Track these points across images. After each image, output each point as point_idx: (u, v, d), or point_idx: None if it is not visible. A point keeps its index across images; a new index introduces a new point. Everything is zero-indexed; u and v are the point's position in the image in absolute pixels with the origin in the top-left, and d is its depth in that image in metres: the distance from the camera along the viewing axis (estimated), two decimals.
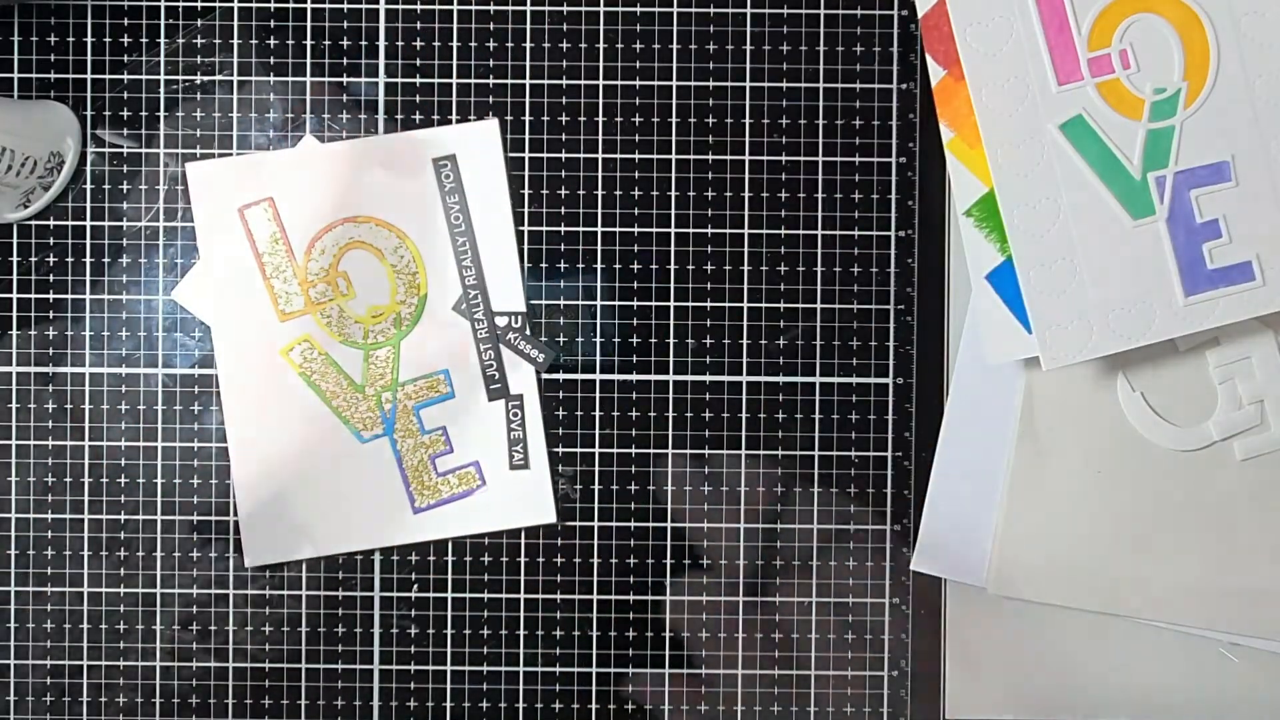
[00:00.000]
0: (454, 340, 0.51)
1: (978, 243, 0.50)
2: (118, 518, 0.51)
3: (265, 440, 0.51)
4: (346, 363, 0.51)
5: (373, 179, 0.51)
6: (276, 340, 0.51)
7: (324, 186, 0.51)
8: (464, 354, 0.51)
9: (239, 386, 0.51)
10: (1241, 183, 0.48)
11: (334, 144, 0.51)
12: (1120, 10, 0.48)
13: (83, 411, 0.51)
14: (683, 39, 0.51)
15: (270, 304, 0.51)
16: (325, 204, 0.51)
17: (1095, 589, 0.51)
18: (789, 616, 0.51)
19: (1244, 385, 0.50)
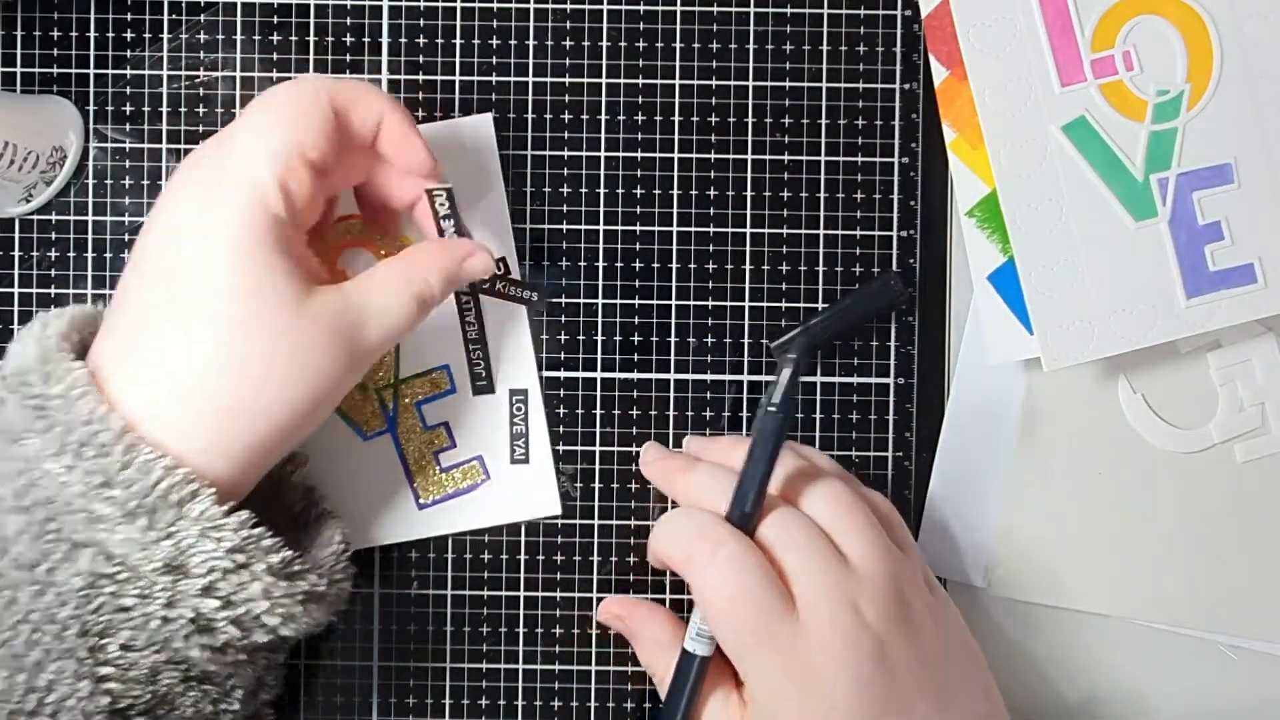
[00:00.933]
0: (454, 335, 0.51)
1: (979, 243, 0.50)
2: None
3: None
4: None
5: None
6: None
7: None
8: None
9: None
10: (1244, 185, 0.48)
11: None
12: (1123, 12, 0.48)
13: None
14: (685, 38, 0.51)
15: None
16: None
17: (1095, 590, 0.51)
18: None
19: (1245, 388, 0.50)
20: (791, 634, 0.38)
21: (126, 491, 0.35)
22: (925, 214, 0.52)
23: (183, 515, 0.36)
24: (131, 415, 0.36)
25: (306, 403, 0.38)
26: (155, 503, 0.35)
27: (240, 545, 0.37)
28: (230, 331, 0.37)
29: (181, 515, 0.36)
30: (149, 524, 0.35)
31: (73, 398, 0.36)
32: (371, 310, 0.39)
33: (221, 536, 0.36)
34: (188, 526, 0.36)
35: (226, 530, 0.36)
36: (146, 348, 0.37)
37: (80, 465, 0.35)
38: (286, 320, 0.37)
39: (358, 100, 0.40)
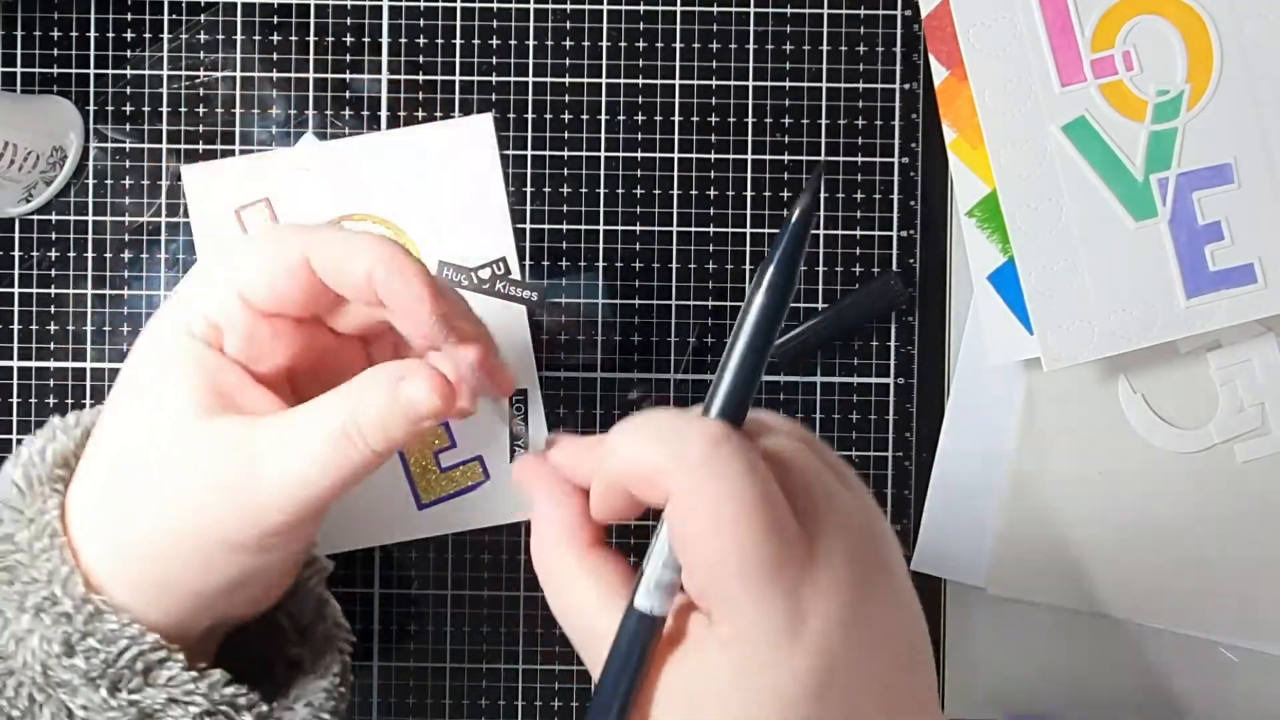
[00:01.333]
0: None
1: (979, 243, 0.50)
2: None
3: None
4: None
5: (369, 176, 0.51)
6: None
7: (321, 185, 0.51)
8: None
9: None
10: (1244, 185, 0.48)
11: (331, 142, 0.51)
12: (1123, 12, 0.48)
13: (84, 407, 0.51)
14: (685, 38, 0.51)
15: None
16: (323, 203, 0.51)
17: (1095, 590, 0.51)
18: None
19: (1245, 388, 0.50)
20: (802, 569, 0.29)
21: (88, 662, 0.34)
22: (925, 214, 0.52)
23: (149, 683, 0.34)
24: (95, 568, 0.34)
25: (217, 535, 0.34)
26: (120, 672, 0.34)
27: (211, 709, 0.35)
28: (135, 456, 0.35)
29: (148, 683, 0.34)
30: (111, 691, 0.34)
31: (37, 550, 0.34)
32: (279, 438, 0.34)
33: (191, 701, 0.35)
34: (155, 693, 0.34)
35: (197, 695, 0.35)
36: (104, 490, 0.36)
37: (39, 629, 0.34)
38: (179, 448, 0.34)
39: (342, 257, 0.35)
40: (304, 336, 0.37)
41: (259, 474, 0.33)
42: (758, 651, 0.29)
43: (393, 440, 0.34)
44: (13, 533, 0.35)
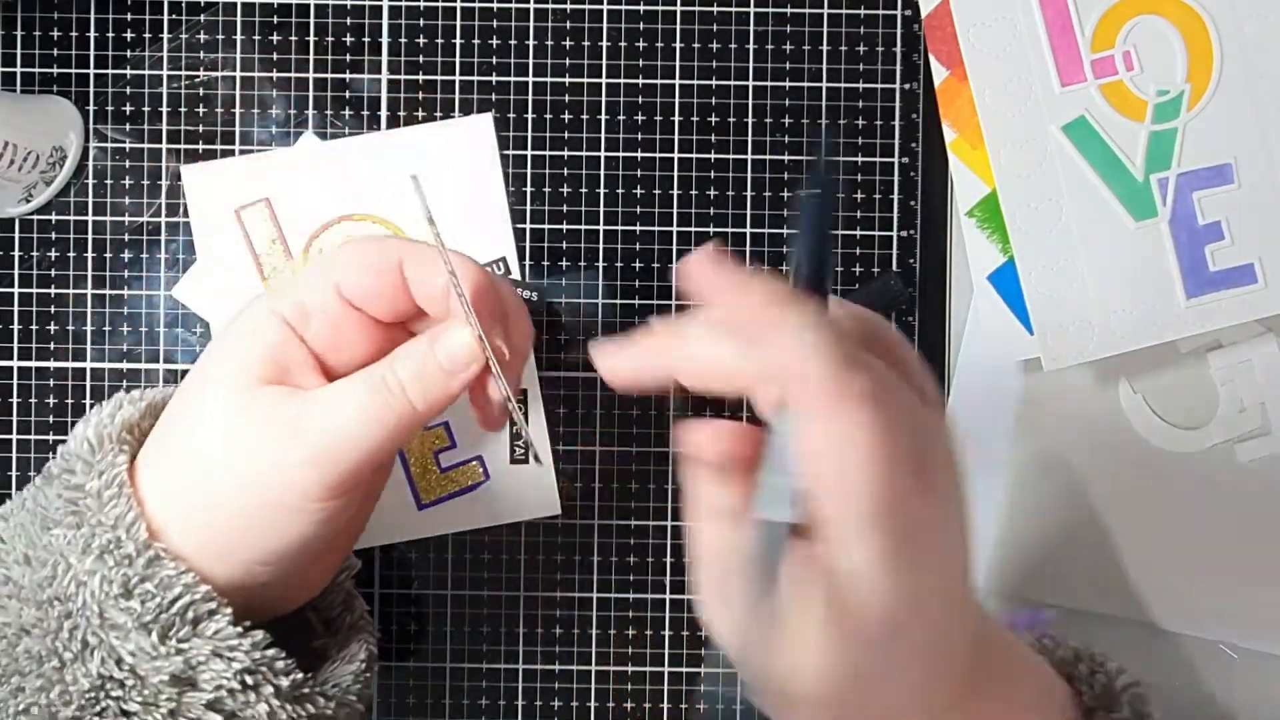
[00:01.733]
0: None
1: (980, 243, 0.50)
2: None
3: None
4: None
5: (369, 176, 0.51)
6: None
7: (321, 185, 0.51)
8: None
9: None
10: (1244, 185, 0.48)
11: (330, 142, 0.51)
12: (1123, 12, 0.48)
13: (83, 407, 0.51)
14: (685, 38, 0.51)
15: None
16: (322, 203, 0.51)
17: (1095, 590, 0.51)
18: None
19: (1246, 388, 0.50)
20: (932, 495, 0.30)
21: (143, 605, 0.35)
22: (925, 214, 0.52)
23: (197, 633, 0.36)
24: (158, 519, 0.37)
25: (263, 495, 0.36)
26: (171, 619, 0.35)
27: (252, 667, 0.37)
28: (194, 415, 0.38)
29: (196, 633, 0.36)
30: (161, 638, 0.35)
31: (106, 498, 0.36)
32: (320, 400, 0.36)
33: (234, 657, 0.36)
34: (201, 645, 0.36)
35: (239, 652, 0.36)
36: (168, 449, 0.38)
37: (101, 570, 0.35)
38: (232, 405, 0.37)
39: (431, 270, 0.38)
40: (385, 337, 0.39)
41: (299, 431, 0.36)
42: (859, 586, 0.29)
43: (431, 393, 0.37)
44: (83, 482, 0.37)
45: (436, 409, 0.37)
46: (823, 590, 0.30)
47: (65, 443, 0.39)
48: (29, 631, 0.36)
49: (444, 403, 0.37)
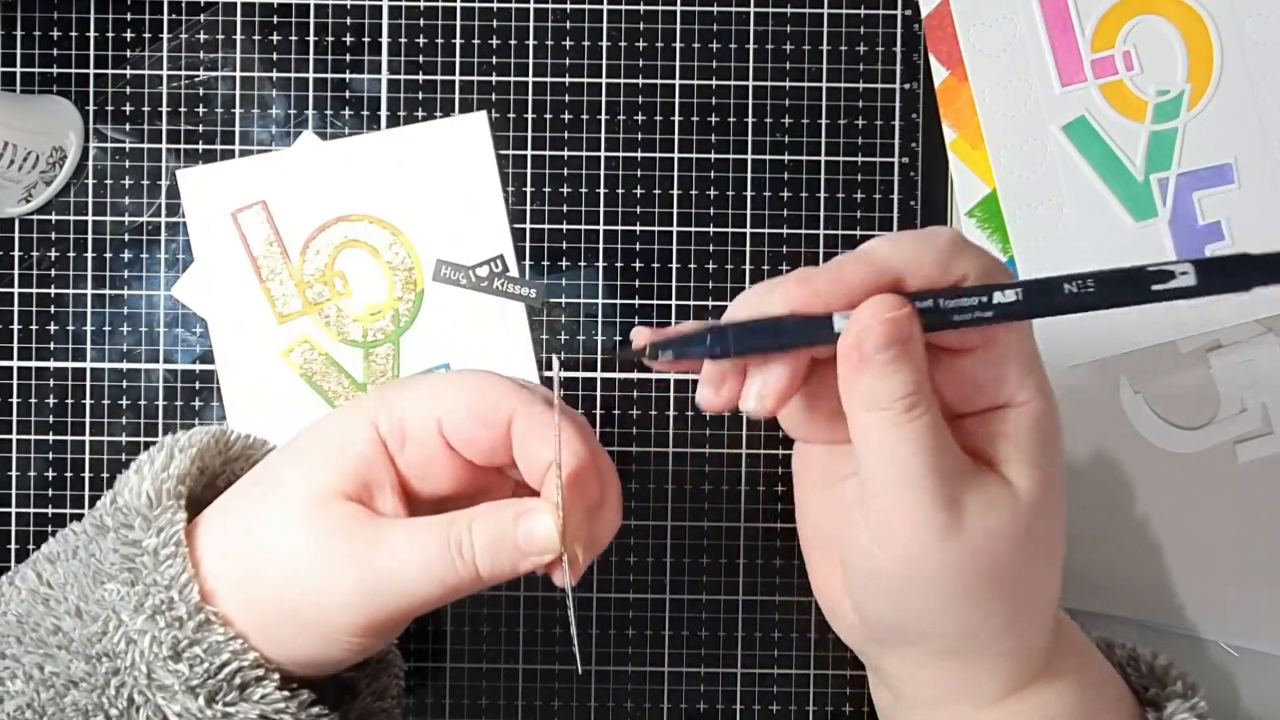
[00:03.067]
0: (455, 332, 0.51)
1: (980, 243, 0.50)
2: None
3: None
4: (347, 362, 0.51)
5: (365, 176, 0.51)
6: (276, 343, 0.51)
7: (317, 186, 0.51)
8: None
9: (240, 389, 0.51)
10: (1244, 185, 0.48)
11: (328, 143, 0.51)
12: (1123, 12, 0.48)
13: (83, 407, 0.51)
14: (685, 38, 0.51)
15: (268, 307, 0.51)
16: (319, 204, 0.51)
17: (1094, 589, 0.51)
18: (789, 616, 0.51)
19: (1246, 388, 0.50)
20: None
21: (191, 670, 0.35)
22: (925, 214, 0.52)
23: (244, 698, 0.36)
24: (210, 583, 0.36)
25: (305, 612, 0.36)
26: (219, 684, 0.35)
27: None
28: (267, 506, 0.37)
29: (243, 698, 0.36)
30: (209, 701, 0.35)
31: (163, 556, 0.36)
32: (388, 542, 0.35)
33: (279, 718, 0.36)
34: (248, 709, 0.36)
35: (286, 715, 0.36)
36: (233, 524, 0.38)
37: (152, 631, 0.35)
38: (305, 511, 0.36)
39: (539, 441, 0.36)
40: (475, 476, 0.38)
41: (358, 566, 0.35)
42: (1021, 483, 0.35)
43: (498, 566, 0.35)
44: (140, 538, 0.37)
45: (499, 580, 0.36)
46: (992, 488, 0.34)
47: (116, 491, 0.38)
48: (76, 684, 0.36)
49: (510, 576, 0.36)
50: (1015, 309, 0.32)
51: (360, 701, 0.41)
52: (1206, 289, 0.31)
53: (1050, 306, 0.33)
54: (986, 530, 0.33)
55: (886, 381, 0.32)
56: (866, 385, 0.32)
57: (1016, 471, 0.34)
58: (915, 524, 0.32)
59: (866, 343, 0.32)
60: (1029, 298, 0.32)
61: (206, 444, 0.40)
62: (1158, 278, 0.32)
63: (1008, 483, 0.34)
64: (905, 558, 0.33)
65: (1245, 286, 0.32)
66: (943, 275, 0.33)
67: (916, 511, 0.32)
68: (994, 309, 0.32)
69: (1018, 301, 0.32)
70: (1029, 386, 0.34)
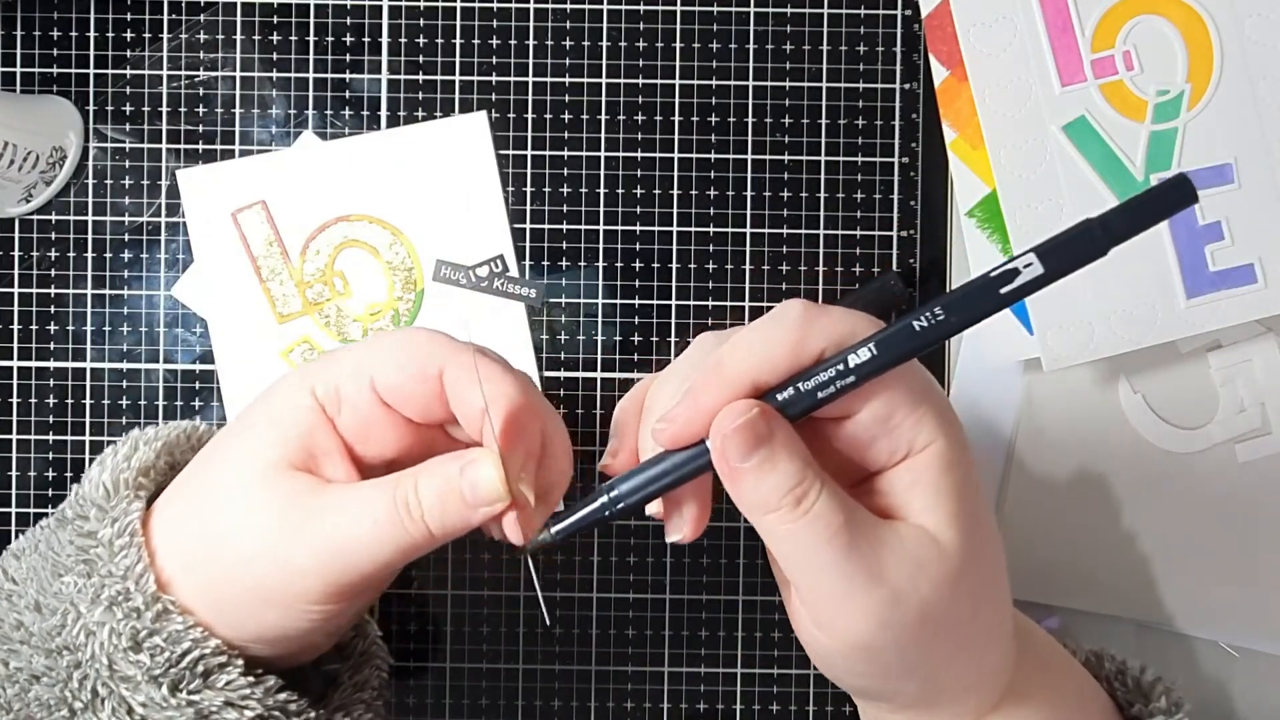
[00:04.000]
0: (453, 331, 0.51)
1: (980, 243, 0.50)
2: None
3: None
4: None
5: (365, 176, 0.51)
6: (276, 343, 0.51)
7: (317, 186, 0.51)
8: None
9: (240, 389, 0.51)
10: (1244, 185, 0.48)
11: (327, 143, 0.51)
12: (1123, 12, 0.48)
13: (83, 406, 0.51)
14: (686, 38, 0.51)
15: (268, 307, 0.51)
16: (319, 204, 0.51)
17: (1095, 590, 0.51)
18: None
19: (1246, 388, 0.50)
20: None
21: (153, 659, 0.35)
22: (925, 214, 0.52)
23: (208, 685, 0.36)
24: (167, 571, 0.36)
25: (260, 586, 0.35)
26: (181, 672, 0.35)
27: (264, 714, 0.36)
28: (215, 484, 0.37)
29: (207, 685, 0.36)
30: (172, 690, 0.35)
31: (117, 547, 0.36)
32: (337, 506, 0.35)
33: (246, 705, 0.36)
34: (213, 696, 0.36)
35: (252, 700, 0.36)
36: (184, 509, 0.37)
37: (110, 622, 0.35)
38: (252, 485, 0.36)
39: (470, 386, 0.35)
40: (419, 435, 0.37)
41: (309, 534, 0.35)
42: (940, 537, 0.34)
43: (449, 521, 0.35)
44: (96, 529, 0.36)
45: (454, 536, 0.36)
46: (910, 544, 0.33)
47: (80, 484, 0.38)
48: (39, 679, 0.36)
49: (462, 531, 0.36)
50: (874, 365, 0.31)
51: (341, 693, 0.41)
52: (1059, 271, 0.30)
53: (908, 350, 0.32)
54: (919, 592, 0.32)
55: (765, 483, 0.32)
56: (748, 493, 0.32)
57: (935, 520, 0.33)
58: (847, 608, 0.32)
59: (730, 456, 0.32)
60: (884, 349, 0.31)
61: (176, 439, 0.40)
62: (1004, 279, 0.30)
63: (928, 534, 0.33)
64: (847, 640, 0.33)
65: (1100, 252, 0.30)
66: (798, 358, 0.32)
67: (845, 595, 0.32)
68: (854, 372, 0.31)
69: (874, 357, 0.31)
70: (926, 427, 0.33)
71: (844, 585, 0.32)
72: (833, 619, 0.33)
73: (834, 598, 0.32)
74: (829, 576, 0.32)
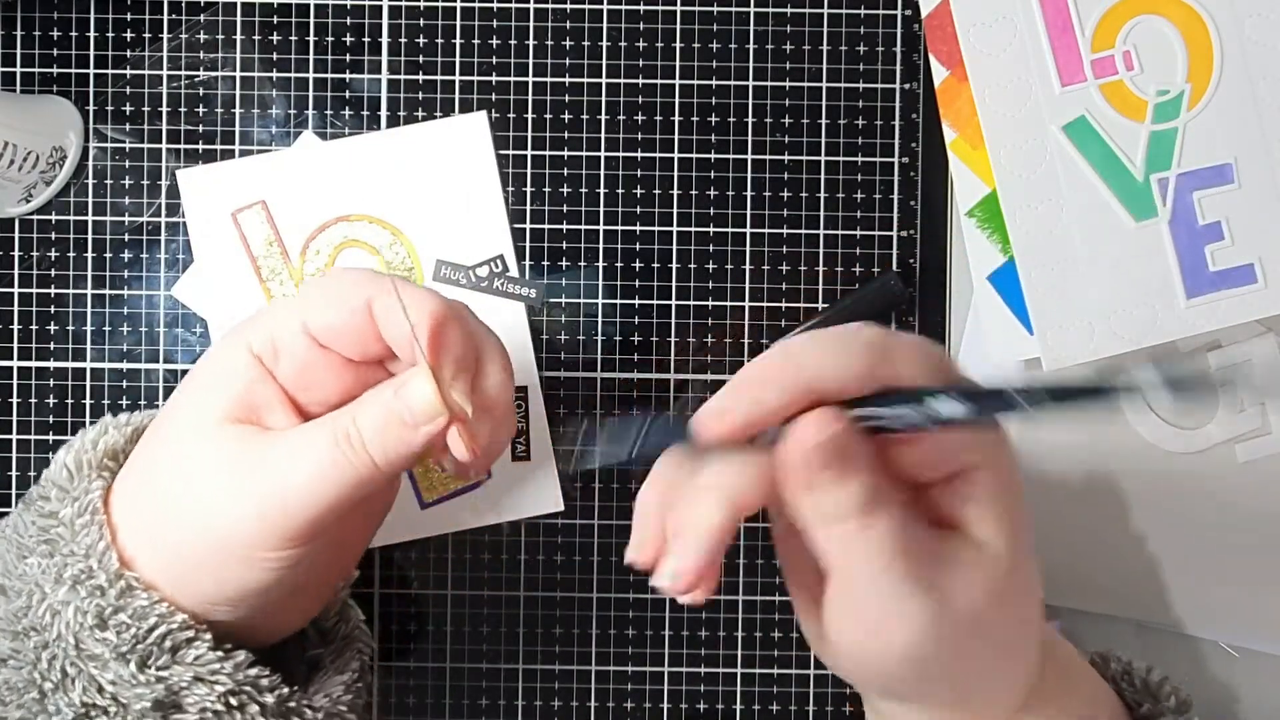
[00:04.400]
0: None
1: (980, 243, 0.50)
2: None
3: None
4: None
5: (365, 176, 0.51)
6: None
7: (317, 186, 0.51)
8: None
9: None
10: (1244, 185, 0.48)
11: (327, 143, 0.51)
12: (1123, 12, 0.48)
13: (83, 407, 0.51)
14: (686, 37, 0.51)
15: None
16: (319, 204, 0.51)
17: (1095, 590, 0.51)
18: (788, 616, 0.51)
19: (1246, 388, 0.50)
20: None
21: (119, 636, 0.35)
22: (925, 214, 0.52)
23: (176, 660, 0.35)
24: (129, 548, 0.36)
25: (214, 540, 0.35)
26: (149, 649, 0.35)
27: (235, 688, 0.36)
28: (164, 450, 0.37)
29: (175, 660, 0.35)
30: (140, 666, 0.35)
31: (78, 526, 0.36)
32: (280, 449, 0.35)
33: (216, 680, 0.36)
34: (181, 671, 0.35)
35: (222, 675, 0.36)
36: (138, 480, 0.37)
37: (75, 601, 0.35)
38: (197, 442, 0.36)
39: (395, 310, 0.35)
40: (359, 376, 0.37)
41: (254, 480, 0.35)
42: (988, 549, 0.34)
43: (389, 448, 0.35)
44: (57, 509, 0.36)
45: (400, 465, 0.35)
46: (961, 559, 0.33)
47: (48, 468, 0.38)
48: (5, 661, 0.36)
49: (408, 459, 0.35)
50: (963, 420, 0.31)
51: (321, 674, 0.41)
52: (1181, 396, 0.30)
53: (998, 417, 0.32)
54: (971, 603, 0.32)
55: (837, 496, 0.31)
56: (818, 505, 0.31)
57: (986, 532, 0.33)
58: (904, 621, 0.32)
59: (811, 464, 0.31)
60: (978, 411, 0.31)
61: (143, 424, 0.40)
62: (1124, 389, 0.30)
63: (979, 546, 0.33)
64: (900, 652, 0.32)
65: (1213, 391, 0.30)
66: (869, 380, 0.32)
67: (902, 610, 0.32)
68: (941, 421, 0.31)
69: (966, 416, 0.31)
70: (981, 449, 0.33)
71: (896, 595, 0.32)
72: (888, 633, 0.32)
73: (886, 607, 0.32)
74: (882, 587, 0.32)
